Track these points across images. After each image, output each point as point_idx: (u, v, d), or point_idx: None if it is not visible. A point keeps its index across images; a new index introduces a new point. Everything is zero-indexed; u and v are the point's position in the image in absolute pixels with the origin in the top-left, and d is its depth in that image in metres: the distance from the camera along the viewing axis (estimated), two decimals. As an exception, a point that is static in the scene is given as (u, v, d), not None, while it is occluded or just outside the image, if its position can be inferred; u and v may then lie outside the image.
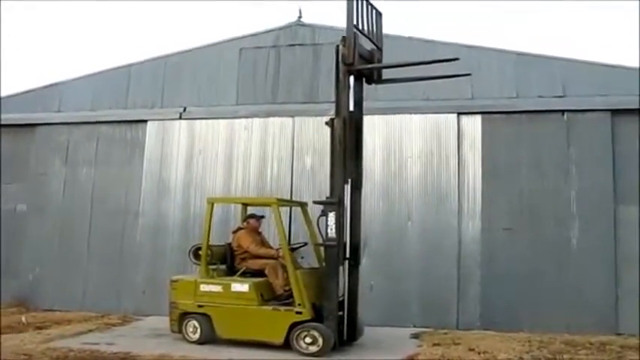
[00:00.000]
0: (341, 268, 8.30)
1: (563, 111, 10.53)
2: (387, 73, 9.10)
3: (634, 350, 8.34)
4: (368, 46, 8.91)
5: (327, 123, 8.59)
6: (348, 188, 8.47)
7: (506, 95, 10.80)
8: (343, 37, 8.42)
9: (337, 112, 8.46)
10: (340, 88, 8.49)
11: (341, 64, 8.45)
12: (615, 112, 10.28)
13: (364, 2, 8.72)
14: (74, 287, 12.22)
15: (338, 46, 8.47)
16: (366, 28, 8.77)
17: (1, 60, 26.24)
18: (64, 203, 12.61)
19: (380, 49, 9.07)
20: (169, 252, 11.81)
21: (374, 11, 9.00)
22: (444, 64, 8.45)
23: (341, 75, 8.49)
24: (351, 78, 8.69)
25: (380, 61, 9.01)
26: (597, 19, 26.55)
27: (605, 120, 10.32)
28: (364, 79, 8.94)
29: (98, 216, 12.39)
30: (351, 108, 8.66)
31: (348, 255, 8.49)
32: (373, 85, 9.09)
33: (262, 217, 9.55)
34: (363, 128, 8.92)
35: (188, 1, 29.12)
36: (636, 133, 10.20)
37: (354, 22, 8.45)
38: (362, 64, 8.64)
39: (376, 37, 9.06)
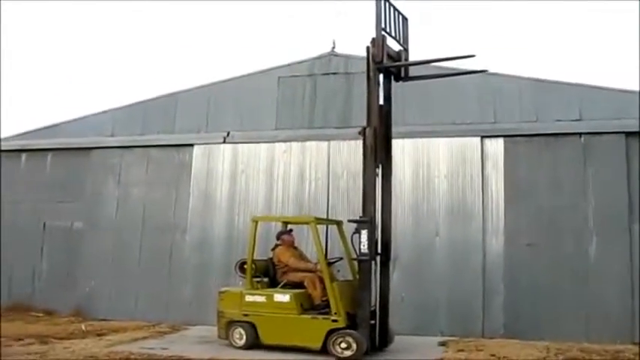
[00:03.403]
0: (373, 280, 9.03)
1: (580, 134, 11.12)
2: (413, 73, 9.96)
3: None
4: (396, 48, 9.71)
5: (359, 132, 9.25)
6: (379, 171, 9.20)
7: (526, 119, 11.46)
8: (373, 38, 9.21)
9: (368, 122, 9.19)
10: (371, 85, 9.22)
11: (371, 63, 9.22)
12: (629, 135, 10.86)
13: (392, 8, 9.50)
14: (126, 299, 13.06)
15: (368, 47, 9.24)
16: (393, 31, 9.55)
17: (1, 68, 26.77)
18: (117, 221, 13.53)
19: (406, 50, 9.85)
20: (214, 266, 12.58)
21: (400, 16, 9.80)
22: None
23: (371, 73, 9.24)
24: (381, 76, 9.44)
25: (407, 60, 9.80)
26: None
27: (619, 142, 10.90)
28: (392, 77, 9.75)
29: (148, 233, 13.26)
30: (381, 102, 9.41)
31: (379, 250, 9.24)
32: (403, 111, 9.87)
33: (291, 230, 10.30)
34: (392, 122, 9.66)
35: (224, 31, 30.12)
36: (650, 154, 10.77)
37: (382, 26, 9.22)
38: (390, 63, 9.45)
39: (403, 39, 9.85)
